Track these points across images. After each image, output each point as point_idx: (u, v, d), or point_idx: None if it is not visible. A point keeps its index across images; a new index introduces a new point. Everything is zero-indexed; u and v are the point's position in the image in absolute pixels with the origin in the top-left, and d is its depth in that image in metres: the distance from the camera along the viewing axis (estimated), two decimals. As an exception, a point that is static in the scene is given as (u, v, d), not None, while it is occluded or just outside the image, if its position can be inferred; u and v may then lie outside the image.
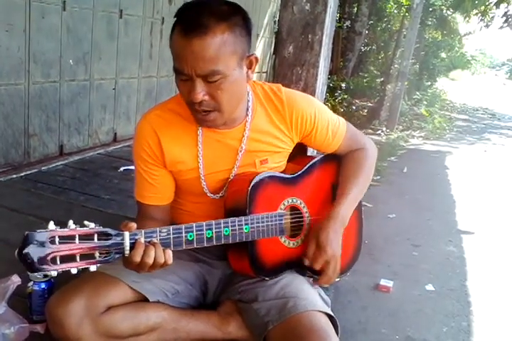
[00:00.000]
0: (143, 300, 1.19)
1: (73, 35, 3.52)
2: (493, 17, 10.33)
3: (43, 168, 3.35)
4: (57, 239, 0.91)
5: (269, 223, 1.22)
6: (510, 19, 10.17)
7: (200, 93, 1.08)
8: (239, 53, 1.09)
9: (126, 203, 2.73)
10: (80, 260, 0.93)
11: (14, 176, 3.11)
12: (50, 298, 1.15)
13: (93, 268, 0.95)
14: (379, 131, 6.80)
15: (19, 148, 3.33)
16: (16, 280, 1.37)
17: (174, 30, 1.07)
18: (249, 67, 1.15)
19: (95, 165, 3.59)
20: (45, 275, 1.41)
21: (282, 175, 1.32)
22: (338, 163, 1.43)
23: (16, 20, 3.03)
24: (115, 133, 4.28)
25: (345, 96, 7.57)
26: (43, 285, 1.41)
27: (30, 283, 1.41)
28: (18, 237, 0.92)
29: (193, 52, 1.03)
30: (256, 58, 1.16)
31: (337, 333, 1.15)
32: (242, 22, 1.09)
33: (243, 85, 1.17)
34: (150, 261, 1.01)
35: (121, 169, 3.47)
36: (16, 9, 3.02)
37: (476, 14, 10.35)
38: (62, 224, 0.96)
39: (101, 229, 0.96)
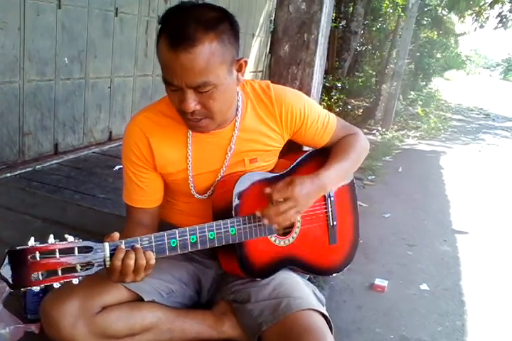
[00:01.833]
0: (138, 299, 1.19)
1: (68, 33, 3.50)
2: (487, 17, 10.36)
3: (37, 166, 3.34)
4: (37, 255, 0.92)
5: (256, 223, 1.21)
6: (504, 20, 10.21)
7: (192, 103, 1.07)
8: (228, 61, 1.07)
9: (120, 202, 2.67)
10: (62, 274, 0.94)
11: (9, 175, 3.09)
12: (45, 298, 1.15)
13: (75, 281, 0.96)
14: (374, 131, 6.82)
15: (14, 146, 3.31)
16: None
17: (160, 39, 1.04)
18: (239, 70, 1.14)
19: (90, 164, 3.58)
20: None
21: (269, 174, 1.31)
22: (327, 156, 1.42)
23: (10, 18, 3.02)
24: (110, 132, 4.27)
25: (341, 96, 7.58)
26: (37, 285, 1.40)
27: (25, 283, 1.40)
28: (12, 236, 0.92)
29: (181, 65, 1.02)
30: (245, 61, 1.14)
31: (331, 332, 1.15)
32: (229, 28, 1.07)
33: (234, 90, 1.17)
34: (131, 262, 1.00)
35: (116, 168, 3.46)
36: (10, 7, 3.00)
37: (471, 14, 10.38)
38: (56, 223, 0.96)
39: (81, 242, 0.97)
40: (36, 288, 0.93)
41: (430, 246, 3.03)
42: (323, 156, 1.40)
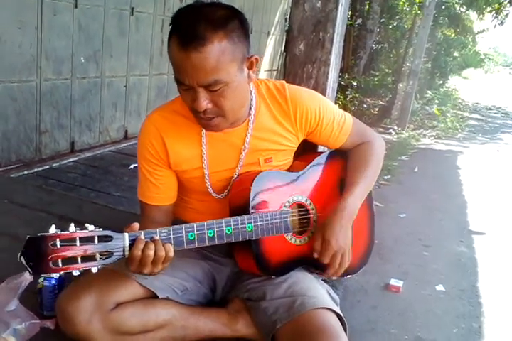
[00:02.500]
0: (152, 296, 1.19)
1: (84, 32, 3.53)
2: (507, 14, 10.19)
3: (54, 164, 3.38)
4: (58, 242, 0.93)
5: (273, 221, 1.22)
6: (524, 17, 10.03)
7: (204, 102, 1.08)
8: (239, 58, 1.08)
9: (136, 200, 2.70)
10: (81, 262, 0.95)
11: (25, 172, 3.14)
12: (61, 295, 1.17)
13: (94, 269, 0.97)
14: (390, 130, 6.76)
15: (30, 144, 3.35)
16: (28, 277, 1.38)
17: (171, 39, 1.05)
18: (250, 67, 1.14)
19: (106, 162, 3.61)
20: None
21: (286, 172, 1.31)
22: (344, 158, 1.41)
23: (28, 18, 3.06)
24: (126, 131, 4.31)
25: (356, 95, 7.54)
26: (53, 281, 1.42)
27: (41, 279, 1.42)
28: (28, 233, 0.93)
29: (192, 64, 1.02)
30: (256, 59, 1.14)
31: (345, 332, 1.14)
32: (238, 26, 1.07)
33: (245, 88, 1.17)
34: (151, 253, 1.01)
35: (132, 166, 3.48)
36: (28, 6, 3.04)
37: (490, 12, 10.21)
38: (72, 220, 0.97)
39: (101, 231, 0.98)
40: (56, 275, 0.94)
41: (446, 246, 3.00)
42: (339, 157, 1.39)
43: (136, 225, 1.04)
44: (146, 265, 1.03)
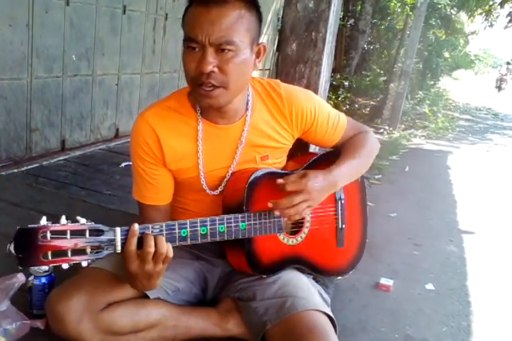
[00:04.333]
0: (143, 296, 1.19)
1: (76, 30, 3.51)
2: (497, 16, 10.29)
3: (44, 162, 3.36)
4: (48, 234, 0.92)
5: (266, 220, 1.21)
6: (514, 19, 10.11)
7: (211, 63, 1.05)
8: (252, 34, 1.10)
9: (127, 199, 2.72)
10: (72, 255, 0.94)
11: (15, 170, 3.11)
12: (51, 294, 1.15)
13: (84, 263, 0.96)
14: (381, 130, 6.80)
15: (21, 142, 3.33)
16: (21, 278, 1.37)
17: (191, 4, 1.07)
18: (257, 56, 1.15)
19: (97, 161, 3.60)
20: (46, 270, 1.41)
21: (282, 171, 1.31)
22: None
23: (19, 15, 3.03)
24: (117, 129, 4.29)
25: (348, 95, 7.57)
26: (43, 280, 1.41)
27: (31, 278, 1.41)
28: (18, 232, 0.92)
29: (210, 19, 1.03)
30: (264, 47, 1.16)
31: (335, 332, 1.15)
32: (256, 8, 1.12)
33: (250, 70, 1.15)
34: (151, 249, 1.01)
35: (123, 165, 3.47)
36: (19, 4, 3.01)
37: (481, 14, 10.30)
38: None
39: (92, 224, 0.97)
40: (45, 267, 0.93)
41: (436, 245, 3.02)
42: (334, 158, 1.40)
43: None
44: (146, 262, 1.02)
